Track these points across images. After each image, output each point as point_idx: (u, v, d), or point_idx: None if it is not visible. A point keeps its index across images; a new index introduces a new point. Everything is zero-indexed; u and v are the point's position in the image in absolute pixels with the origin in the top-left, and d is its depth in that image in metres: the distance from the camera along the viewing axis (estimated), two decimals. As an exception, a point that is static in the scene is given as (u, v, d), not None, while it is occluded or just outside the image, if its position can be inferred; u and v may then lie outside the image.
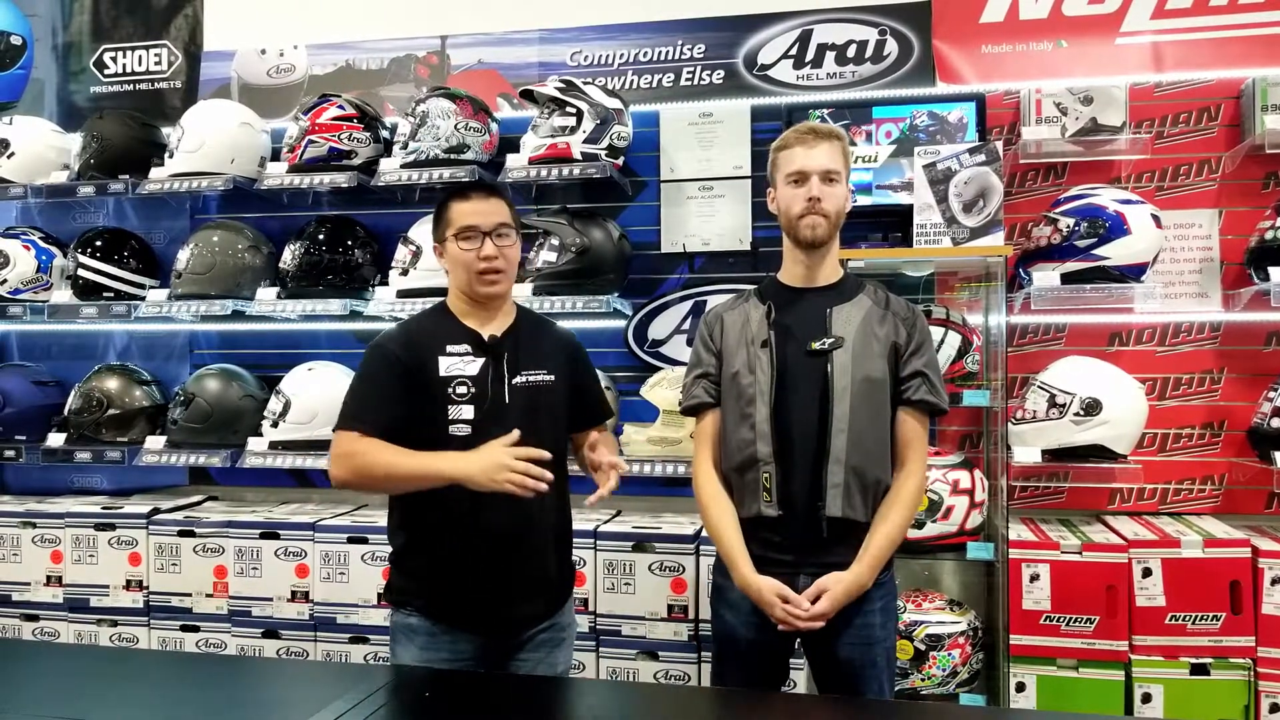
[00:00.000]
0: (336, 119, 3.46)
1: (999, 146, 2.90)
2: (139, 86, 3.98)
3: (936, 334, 2.86)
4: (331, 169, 3.44)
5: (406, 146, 3.36)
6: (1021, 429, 3.02)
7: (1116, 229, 2.94)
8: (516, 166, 3.28)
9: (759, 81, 3.44)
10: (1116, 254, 2.94)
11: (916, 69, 3.32)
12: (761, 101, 3.44)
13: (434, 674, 2.10)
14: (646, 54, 3.53)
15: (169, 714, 1.85)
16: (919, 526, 2.82)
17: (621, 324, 3.53)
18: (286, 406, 3.36)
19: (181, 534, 3.37)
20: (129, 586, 3.41)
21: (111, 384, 3.64)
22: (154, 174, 3.55)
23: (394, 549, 2.33)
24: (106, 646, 3.36)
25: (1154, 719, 2.79)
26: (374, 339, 2.33)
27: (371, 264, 3.54)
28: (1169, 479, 3.23)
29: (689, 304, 3.51)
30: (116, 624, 3.43)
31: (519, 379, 2.25)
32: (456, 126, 3.33)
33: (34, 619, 3.50)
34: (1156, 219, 2.98)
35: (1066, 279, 2.97)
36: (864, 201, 3.03)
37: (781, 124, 3.09)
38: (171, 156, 3.53)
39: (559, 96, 3.24)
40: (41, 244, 3.75)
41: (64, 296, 3.66)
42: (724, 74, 3.47)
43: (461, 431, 2.18)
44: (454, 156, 3.34)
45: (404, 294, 3.32)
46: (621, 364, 3.52)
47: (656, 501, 3.47)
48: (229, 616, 3.33)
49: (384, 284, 3.41)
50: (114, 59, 4.01)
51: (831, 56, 3.39)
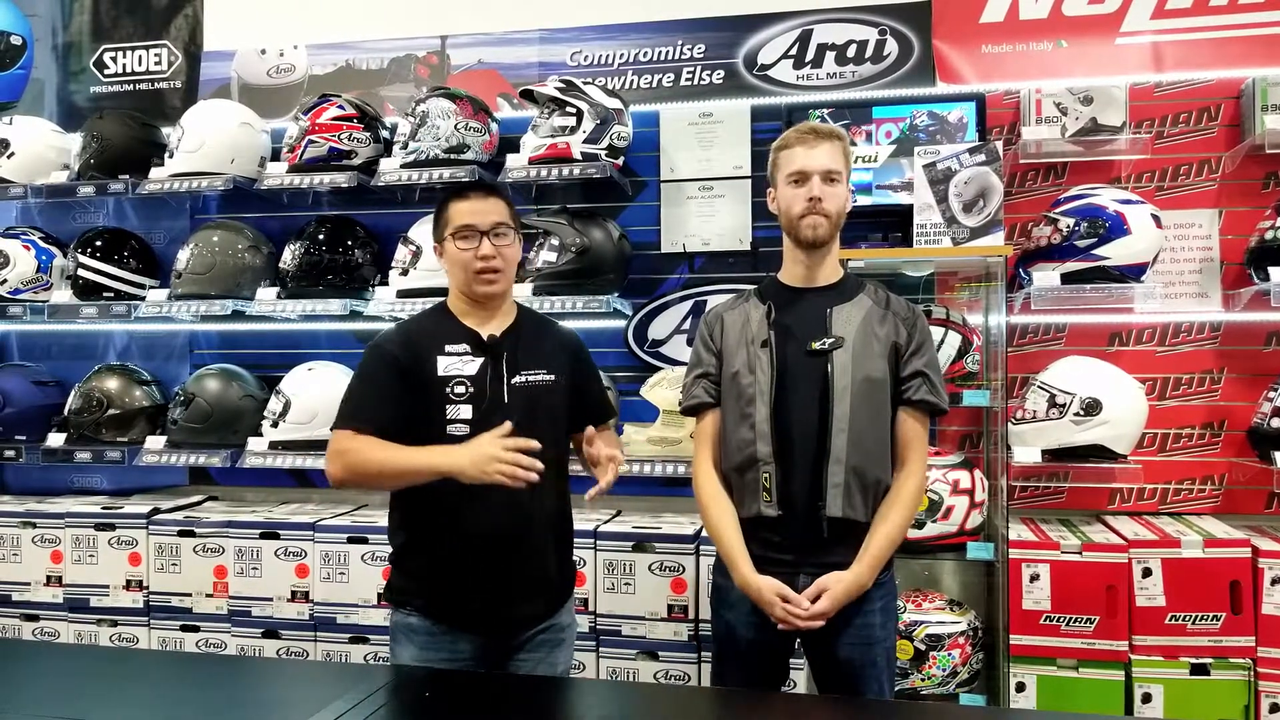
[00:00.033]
0: (336, 119, 3.46)
1: (999, 146, 2.90)
2: (139, 86, 3.98)
3: (936, 334, 2.86)
4: (331, 169, 3.44)
5: (406, 146, 3.36)
6: (1021, 429, 3.02)
7: (1116, 229, 2.94)
8: (516, 166, 3.28)
9: (759, 81, 3.44)
10: (1116, 254, 2.94)
11: (916, 69, 3.32)
12: (761, 101, 3.44)
13: (434, 674, 2.10)
14: (646, 54, 3.53)
15: (169, 714, 1.85)
16: (919, 526, 2.82)
17: (621, 324, 3.53)
18: (286, 406, 3.36)
19: (181, 534, 3.38)
20: (129, 586, 3.41)
21: (111, 384, 3.64)
22: (154, 174, 3.55)
23: (394, 548, 2.33)
24: (106, 646, 3.36)
25: (1154, 719, 2.79)
26: (373, 339, 2.34)
27: (371, 264, 3.54)
28: (1169, 479, 3.23)
29: (689, 304, 3.51)
30: (116, 624, 3.43)
31: (518, 379, 2.25)
32: (456, 126, 3.33)
33: (34, 619, 3.50)
34: (1156, 219, 2.98)
35: (1066, 279, 2.97)
36: (864, 201, 3.03)
37: (781, 124, 3.09)
38: (171, 156, 3.53)
39: (559, 96, 3.24)
40: (41, 244, 3.76)
41: (64, 296, 3.66)
42: (724, 74, 3.47)
43: (459, 431, 2.17)
44: (454, 156, 3.34)
45: (404, 294, 3.32)
46: (621, 364, 3.52)
47: (656, 501, 3.47)
48: (229, 616, 3.33)
49: (384, 284, 3.41)
50: (114, 59, 4.01)
51: (831, 56, 3.39)
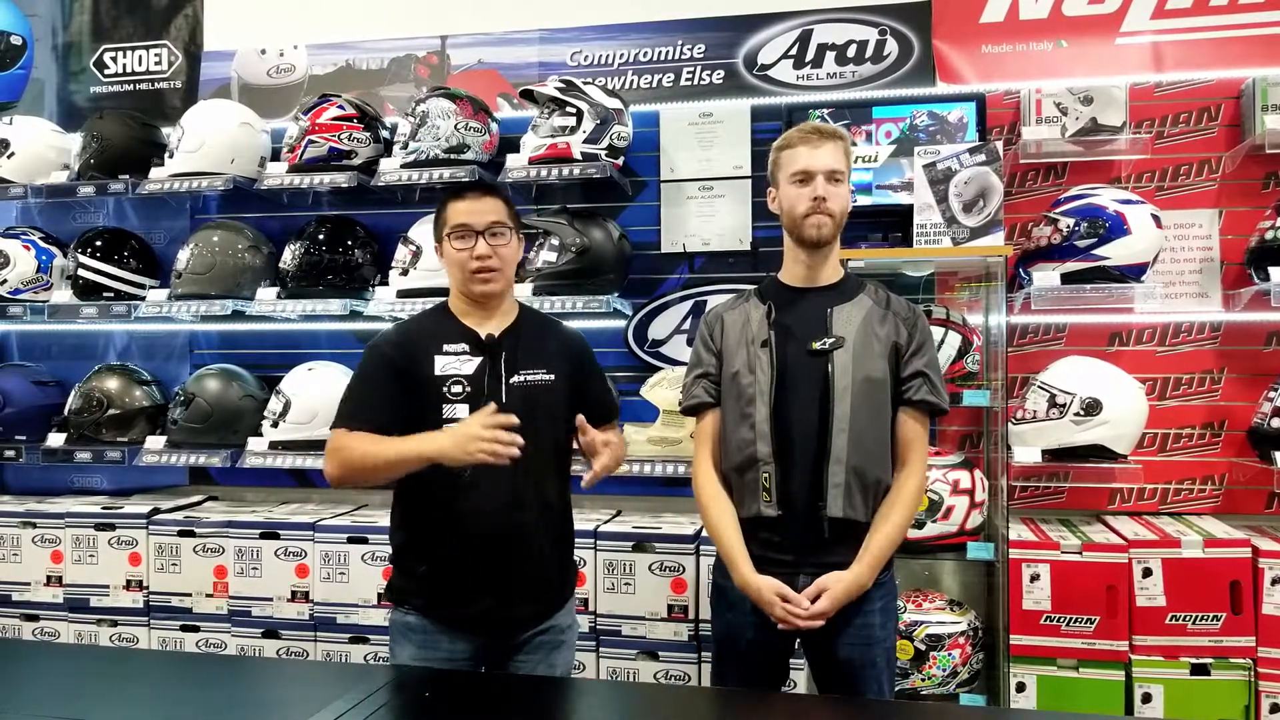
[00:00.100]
0: (336, 119, 3.46)
1: (999, 146, 2.90)
2: (139, 86, 3.98)
3: (936, 334, 2.85)
4: (331, 169, 3.44)
5: (406, 146, 3.36)
6: (1021, 429, 3.02)
7: (1116, 229, 2.94)
8: (516, 166, 3.28)
9: (759, 81, 3.44)
10: (1116, 254, 2.94)
11: (916, 69, 3.32)
12: (761, 101, 3.44)
13: (434, 674, 2.10)
14: (646, 54, 3.53)
15: (169, 714, 1.85)
16: (919, 526, 2.82)
17: (621, 324, 3.53)
18: (286, 406, 3.36)
19: (181, 534, 3.38)
20: (129, 586, 3.41)
21: (111, 384, 3.64)
22: (154, 174, 3.55)
23: (393, 548, 2.33)
24: (106, 646, 3.36)
25: (1154, 719, 2.79)
26: (372, 339, 2.34)
27: (371, 264, 3.54)
28: (1169, 479, 3.23)
29: (689, 304, 3.51)
30: (116, 624, 3.43)
31: (516, 378, 2.25)
32: (456, 126, 3.33)
33: (34, 619, 3.50)
34: (1156, 219, 2.98)
35: (1066, 279, 2.97)
36: (864, 201, 3.03)
37: (781, 124, 3.09)
38: (171, 156, 3.53)
39: (559, 96, 3.24)
40: (41, 244, 3.76)
41: (64, 296, 3.66)
42: (724, 74, 3.47)
43: None
44: (454, 156, 3.34)
45: (404, 294, 3.32)
46: (621, 364, 3.52)
47: (656, 501, 3.47)
48: (229, 616, 3.33)
49: (384, 284, 3.41)
50: (114, 59, 4.01)
51: (831, 56, 3.39)
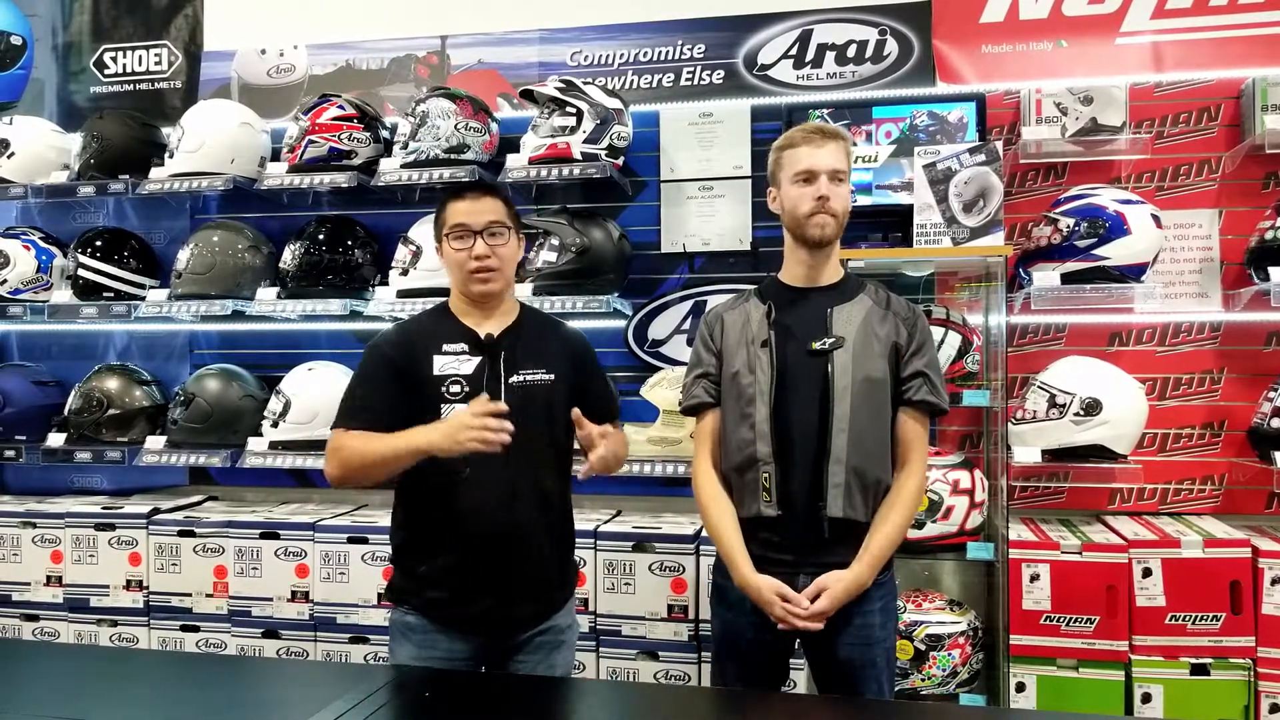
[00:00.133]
0: (336, 119, 3.46)
1: (999, 146, 2.90)
2: (139, 86, 3.98)
3: (936, 334, 2.85)
4: (331, 169, 3.44)
5: (406, 146, 3.36)
6: (1021, 429, 3.02)
7: (1116, 229, 2.94)
8: (516, 166, 3.28)
9: (759, 81, 3.44)
10: (1116, 254, 2.94)
11: (916, 69, 3.32)
12: (761, 101, 3.44)
13: (434, 674, 2.10)
14: (646, 54, 3.53)
15: (169, 714, 1.85)
16: (919, 526, 2.82)
17: (621, 324, 3.53)
18: (286, 406, 3.36)
19: (181, 534, 3.37)
20: (129, 586, 3.41)
21: (111, 384, 3.64)
22: (154, 174, 3.55)
23: (393, 547, 2.33)
24: (106, 646, 3.36)
25: (1154, 719, 2.79)
26: (372, 339, 2.34)
27: (371, 264, 3.54)
28: (1169, 479, 3.23)
29: (689, 304, 3.51)
30: (116, 624, 3.42)
31: (516, 378, 2.25)
32: (456, 126, 3.33)
33: (34, 619, 3.49)
34: (1156, 219, 2.98)
35: (1066, 279, 2.97)
36: (864, 201, 3.03)
37: (781, 124, 3.09)
38: (171, 156, 3.53)
39: (559, 96, 3.24)
40: (41, 244, 3.76)
41: (64, 296, 3.66)
42: (724, 74, 3.47)
43: None
44: (454, 156, 3.34)
45: (404, 294, 3.32)
46: (621, 364, 3.52)
47: (656, 501, 3.47)
48: (229, 616, 3.33)
49: (384, 284, 3.41)
50: (114, 59, 4.01)
51: (831, 56, 3.39)
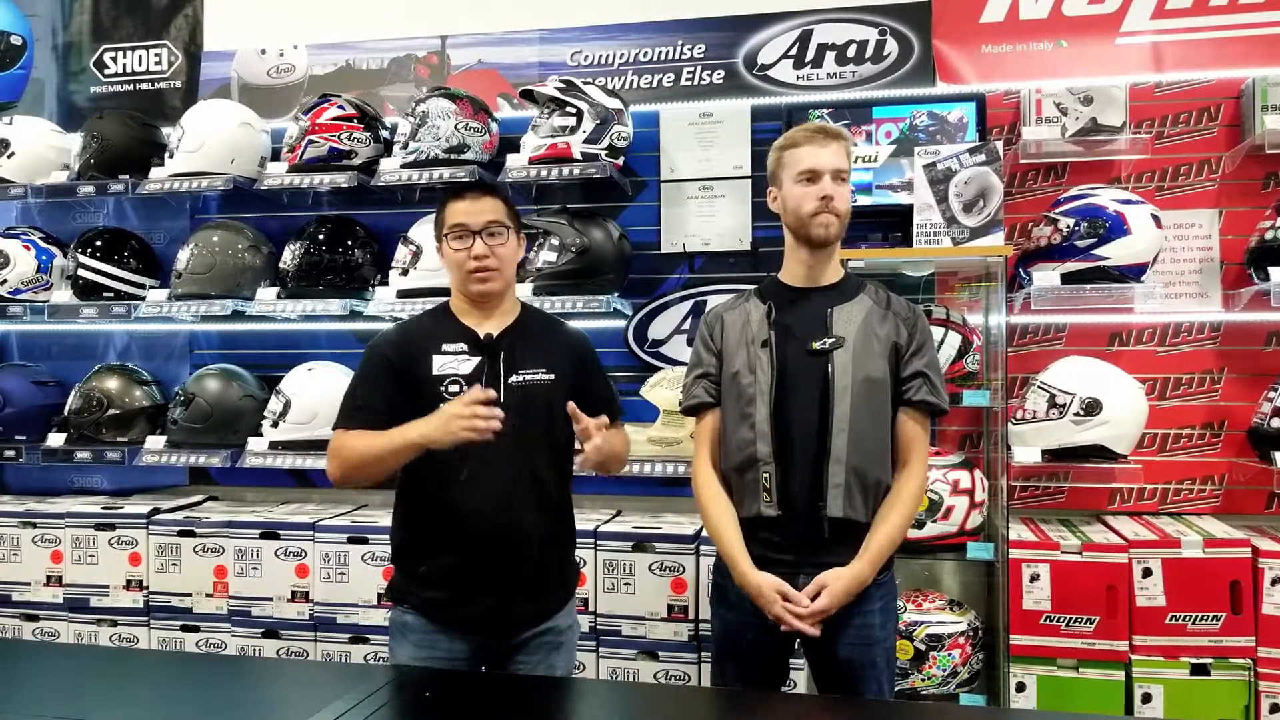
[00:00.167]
0: (336, 119, 3.46)
1: (999, 146, 2.90)
2: (139, 86, 3.98)
3: (936, 334, 2.85)
4: (331, 169, 3.44)
5: (406, 146, 3.36)
6: (1021, 429, 3.02)
7: (1116, 229, 2.94)
8: (516, 166, 3.28)
9: (759, 81, 3.44)
10: (1116, 254, 2.94)
11: (916, 69, 3.32)
12: (761, 101, 3.44)
13: (434, 674, 2.10)
14: (646, 54, 3.53)
15: (169, 714, 1.85)
16: (919, 526, 2.82)
17: (621, 324, 3.53)
18: (286, 406, 3.36)
19: (181, 534, 3.37)
20: (129, 586, 3.41)
21: (111, 384, 3.64)
22: (154, 174, 3.55)
23: (393, 547, 2.34)
24: (106, 646, 3.36)
25: (1154, 719, 2.79)
26: (372, 339, 2.34)
27: (371, 264, 3.54)
28: (1169, 479, 3.23)
29: (689, 304, 3.51)
30: (116, 624, 3.42)
31: (515, 378, 2.25)
32: (456, 126, 3.33)
33: (34, 619, 3.49)
34: (1156, 219, 2.98)
35: (1066, 279, 2.97)
36: (864, 201, 3.03)
37: (781, 124, 3.09)
38: (171, 156, 3.53)
39: (559, 96, 3.24)
40: (41, 244, 3.75)
41: (64, 296, 3.66)
42: (724, 74, 3.47)
43: None
44: (454, 156, 3.34)
45: (404, 294, 3.32)
46: (621, 364, 3.51)
47: (656, 501, 3.47)
48: (229, 616, 3.33)
49: (384, 284, 3.41)
50: (114, 59, 4.01)
51: (831, 56, 3.39)
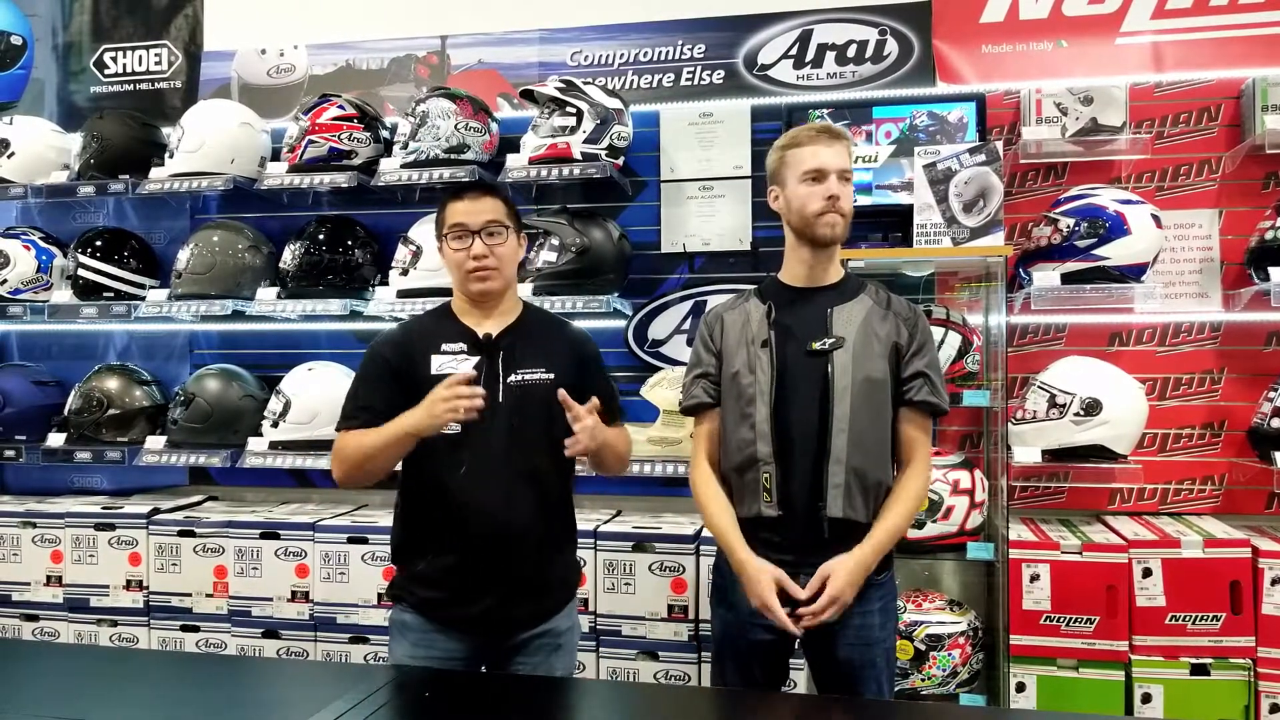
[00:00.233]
0: (336, 119, 3.46)
1: (999, 146, 2.90)
2: (139, 86, 3.98)
3: (936, 334, 2.85)
4: (331, 169, 3.44)
5: (406, 146, 3.36)
6: (1021, 429, 3.02)
7: (1116, 229, 2.94)
8: (516, 166, 3.28)
9: (759, 81, 3.44)
10: (1116, 254, 2.94)
11: (916, 69, 3.32)
12: (762, 101, 3.44)
13: (434, 674, 2.10)
14: (646, 54, 3.53)
15: (169, 714, 1.85)
16: (919, 526, 2.82)
17: (621, 324, 3.53)
18: (286, 406, 3.36)
19: (181, 534, 3.37)
20: (129, 586, 3.41)
21: (111, 384, 3.63)
22: (154, 174, 3.55)
23: (393, 546, 2.34)
24: (106, 646, 3.36)
25: (1154, 719, 2.79)
26: (373, 340, 2.35)
27: (371, 264, 3.54)
28: (1169, 479, 3.23)
29: (689, 304, 3.51)
30: (116, 624, 3.42)
31: (514, 378, 2.25)
32: (456, 126, 3.33)
33: (34, 619, 3.49)
34: (1156, 219, 2.98)
35: (1066, 279, 2.97)
36: (864, 201, 3.03)
37: (781, 124, 3.09)
38: (171, 156, 3.53)
39: (559, 96, 3.24)
40: (41, 244, 3.75)
41: (64, 296, 3.66)
42: (724, 74, 3.47)
43: (451, 430, 2.15)
44: (454, 156, 3.34)
45: (404, 294, 3.32)
46: (621, 364, 3.51)
47: (656, 501, 3.47)
48: (229, 616, 3.33)
49: (384, 284, 3.41)
50: (114, 59, 4.01)
51: (831, 56, 3.39)
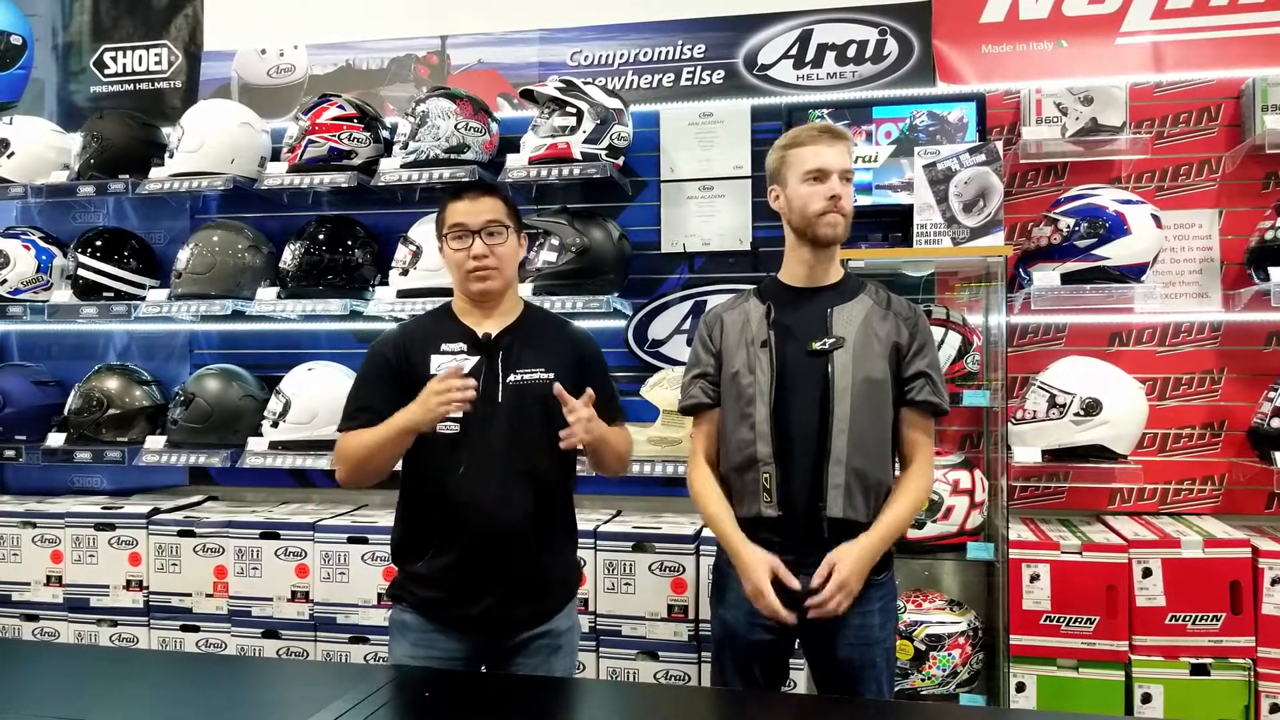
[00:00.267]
0: (336, 119, 3.45)
1: (999, 146, 2.91)
2: (139, 86, 3.98)
3: (936, 334, 2.84)
4: (331, 169, 3.44)
5: (406, 146, 3.36)
6: (1021, 429, 3.02)
7: (1116, 229, 2.94)
8: (516, 166, 3.28)
9: (759, 81, 3.44)
10: (1116, 254, 2.94)
11: (916, 69, 3.32)
12: (761, 101, 3.44)
13: (434, 674, 2.10)
14: (646, 54, 3.53)
15: (169, 714, 1.85)
16: (919, 526, 2.82)
17: (621, 324, 3.53)
18: (286, 406, 3.36)
19: (181, 534, 3.37)
20: (129, 586, 3.41)
21: (111, 384, 3.63)
22: (154, 174, 3.55)
23: (393, 546, 2.34)
24: (106, 646, 3.36)
25: (1154, 719, 2.79)
26: (374, 340, 2.35)
27: (371, 264, 3.54)
28: (1169, 479, 3.23)
29: (689, 304, 3.51)
30: (116, 624, 3.42)
31: (514, 377, 2.24)
32: (456, 126, 3.33)
33: (34, 619, 3.49)
34: (1156, 219, 2.98)
35: (1066, 279, 2.97)
36: (864, 201, 3.03)
37: (782, 124, 3.09)
38: (171, 156, 3.53)
39: (559, 96, 3.24)
40: (41, 244, 3.75)
41: (64, 296, 3.66)
42: (724, 74, 3.47)
43: (450, 430, 2.17)
44: (454, 156, 3.34)
45: (404, 294, 3.32)
46: (621, 364, 3.51)
47: (656, 501, 3.47)
48: (229, 616, 3.33)
49: (384, 284, 3.41)
50: (114, 59, 4.01)
51: (831, 56, 3.39)
